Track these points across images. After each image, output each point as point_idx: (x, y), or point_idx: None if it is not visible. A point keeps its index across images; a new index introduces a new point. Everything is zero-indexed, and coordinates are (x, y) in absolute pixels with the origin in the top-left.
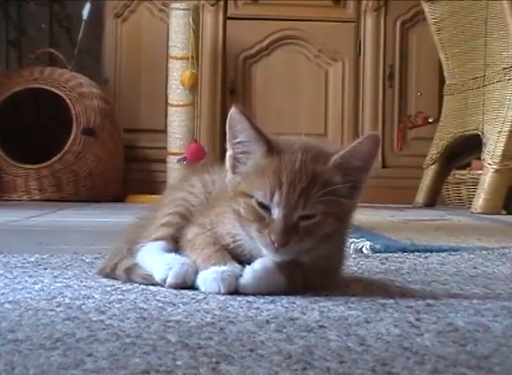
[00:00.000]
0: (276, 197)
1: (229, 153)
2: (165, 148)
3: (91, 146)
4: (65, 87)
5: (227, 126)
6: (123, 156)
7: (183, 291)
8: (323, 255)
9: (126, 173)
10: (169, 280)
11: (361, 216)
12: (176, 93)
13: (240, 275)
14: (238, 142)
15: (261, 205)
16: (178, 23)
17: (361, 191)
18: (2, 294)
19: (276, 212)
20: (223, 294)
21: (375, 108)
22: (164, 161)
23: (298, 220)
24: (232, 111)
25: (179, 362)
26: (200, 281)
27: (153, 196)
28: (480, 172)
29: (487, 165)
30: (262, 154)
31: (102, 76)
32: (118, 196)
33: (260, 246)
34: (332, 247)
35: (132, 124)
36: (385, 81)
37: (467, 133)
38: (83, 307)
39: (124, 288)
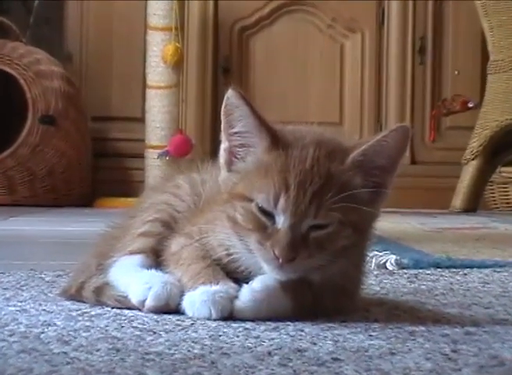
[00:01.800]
0: (282, 201)
1: (223, 146)
2: (143, 140)
3: (51, 137)
4: (18, 65)
5: (222, 112)
6: (91, 150)
7: (166, 316)
8: (338, 273)
9: (95, 171)
10: (149, 303)
11: (385, 223)
12: (157, 72)
13: (236, 296)
14: (235, 133)
15: (263, 211)
16: None
17: (386, 195)
18: None
19: (281, 221)
20: (215, 319)
21: (402, 90)
22: (141, 156)
23: (308, 231)
24: (229, 94)
25: None
26: (186, 304)
27: (128, 199)
28: None
29: None
30: (265, 148)
31: (65, 51)
32: (85, 199)
33: (260, 261)
34: (349, 263)
35: (102, 111)
36: (415, 57)
37: None
38: (42, 336)
39: (93, 313)
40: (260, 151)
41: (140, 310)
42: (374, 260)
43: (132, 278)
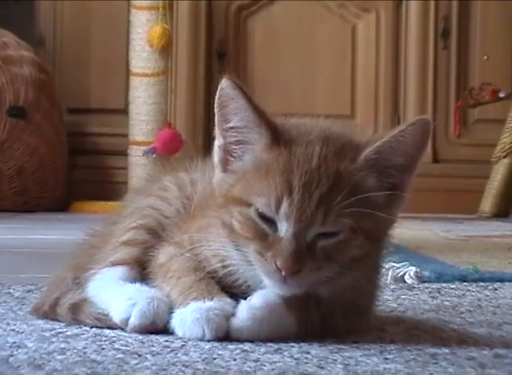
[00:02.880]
0: (284, 206)
1: (218, 143)
2: (126, 135)
3: (21, 132)
4: None
5: (216, 105)
6: (66, 147)
7: (153, 337)
8: (349, 287)
9: (71, 170)
10: (133, 321)
11: (403, 230)
12: (142, 57)
13: (233, 314)
14: (231, 128)
15: (263, 217)
16: None
17: (403, 199)
18: None
19: (284, 228)
20: (209, 340)
21: (423, 78)
22: (124, 153)
23: (315, 239)
24: (223, 84)
25: None
26: (176, 323)
27: (109, 203)
28: None
29: None
30: (265, 145)
31: (36, 34)
32: (59, 203)
33: (261, 274)
34: (362, 276)
35: (79, 102)
36: (438, 40)
37: None
38: (10, 360)
39: (69, 333)
40: (259, 148)
41: (122, 330)
42: (390, 273)
43: (113, 293)
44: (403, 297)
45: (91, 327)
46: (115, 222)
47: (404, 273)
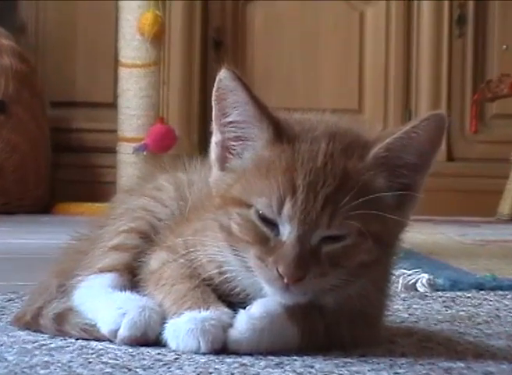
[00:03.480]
0: (287, 207)
1: (215, 139)
2: (115, 130)
3: (0, 128)
4: None
5: (213, 97)
6: (50, 144)
7: (144, 350)
8: (356, 296)
9: (55, 169)
10: (123, 333)
11: (415, 234)
12: (132, 47)
13: (230, 325)
14: (230, 123)
15: (264, 219)
16: None
17: (416, 200)
18: None
19: (287, 231)
20: (204, 353)
21: (437, 69)
22: (113, 151)
23: (320, 244)
24: (222, 75)
25: None
26: (169, 334)
27: (96, 205)
28: None
29: None
30: (267, 141)
31: (17, 21)
32: (42, 205)
33: (261, 282)
34: (371, 283)
35: (63, 94)
36: (452, 28)
37: None
38: None
39: (53, 345)
40: (260, 145)
41: (111, 342)
42: (401, 280)
43: (102, 302)
44: (414, 306)
45: (77, 339)
46: (104, 225)
47: (416, 281)
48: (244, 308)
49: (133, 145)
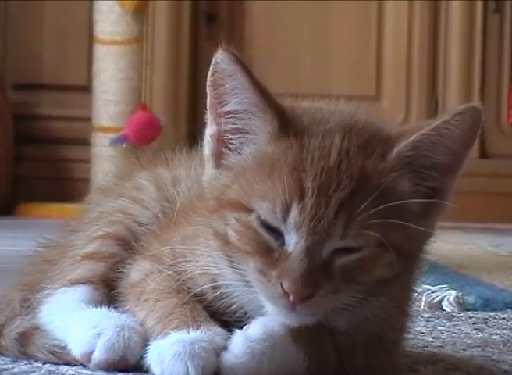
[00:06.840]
0: (294, 214)
1: (210, 131)
2: (89, 118)
3: None
4: None
5: (208, 83)
6: (12, 133)
7: None
8: (373, 316)
9: (18, 163)
10: (98, 356)
11: (442, 244)
12: (109, 20)
13: (224, 348)
14: (228, 113)
15: (267, 226)
16: None
17: (444, 207)
18: None
19: (293, 241)
20: None
21: (469, 51)
22: (86, 142)
23: (332, 256)
24: (220, 57)
25: None
26: (153, 358)
27: (66, 206)
28: None
29: None
30: (270, 135)
31: None
32: (2, 205)
33: (262, 299)
34: (390, 302)
35: (28, 76)
36: (487, 2)
37: None
38: None
39: (16, 370)
40: (262, 139)
41: (84, 366)
42: (424, 298)
43: (73, 320)
44: (440, 328)
45: (44, 363)
46: (75, 230)
47: (442, 299)
48: (241, 328)
49: (111, 136)
